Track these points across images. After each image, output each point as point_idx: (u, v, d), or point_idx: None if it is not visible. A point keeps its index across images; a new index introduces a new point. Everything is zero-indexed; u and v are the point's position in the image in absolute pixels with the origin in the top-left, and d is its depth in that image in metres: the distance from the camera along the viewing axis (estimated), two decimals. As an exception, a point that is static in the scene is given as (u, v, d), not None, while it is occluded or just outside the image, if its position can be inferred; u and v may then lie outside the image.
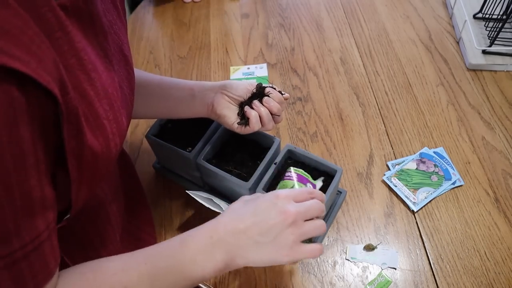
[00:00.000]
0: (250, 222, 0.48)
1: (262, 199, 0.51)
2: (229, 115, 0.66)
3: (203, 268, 0.47)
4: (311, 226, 0.49)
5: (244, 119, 0.66)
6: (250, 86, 0.67)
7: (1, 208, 0.33)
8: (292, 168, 0.63)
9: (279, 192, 0.51)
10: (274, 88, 0.68)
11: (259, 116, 0.65)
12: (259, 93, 0.67)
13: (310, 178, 0.63)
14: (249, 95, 0.67)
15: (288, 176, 0.62)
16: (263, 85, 0.68)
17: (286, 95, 0.69)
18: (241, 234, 0.47)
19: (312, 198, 0.52)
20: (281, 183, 0.62)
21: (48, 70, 0.33)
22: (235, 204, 0.52)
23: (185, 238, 0.49)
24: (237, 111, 0.67)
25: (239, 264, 0.48)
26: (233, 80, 0.69)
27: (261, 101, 0.66)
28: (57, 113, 0.35)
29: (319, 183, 0.68)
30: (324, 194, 0.55)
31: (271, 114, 0.66)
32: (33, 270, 0.37)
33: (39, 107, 0.33)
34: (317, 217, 0.52)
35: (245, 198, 0.53)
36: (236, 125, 0.66)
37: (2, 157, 0.32)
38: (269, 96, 0.66)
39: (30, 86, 0.32)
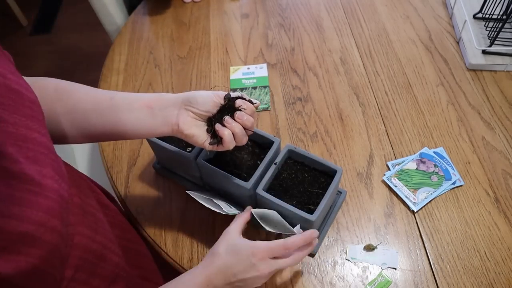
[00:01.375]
0: (234, 279, 0.57)
1: (240, 259, 0.58)
2: (198, 134, 0.59)
3: None
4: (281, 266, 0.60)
5: (216, 137, 0.59)
6: (216, 98, 0.59)
7: None
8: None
9: (256, 250, 0.58)
10: (244, 99, 0.60)
11: (232, 133, 0.59)
12: (229, 107, 0.59)
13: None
14: (217, 108, 0.59)
15: None
16: (231, 95, 0.60)
17: (257, 103, 0.62)
18: (229, 285, 0.58)
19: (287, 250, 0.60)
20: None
21: None
22: (219, 257, 0.58)
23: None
24: (205, 127, 0.60)
25: None
26: (196, 92, 0.60)
27: (232, 116, 0.59)
28: None
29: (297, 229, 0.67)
30: (299, 240, 0.61)
31: (244, 128, 0.60)
32: None
33: None
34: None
35: (226, 247, 0.59)
36: (207, 145, 0.59)
37: None
38: (240, 110, 0.59)
39: None
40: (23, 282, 0.36)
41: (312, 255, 0.72)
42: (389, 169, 0.82)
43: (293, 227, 0.70)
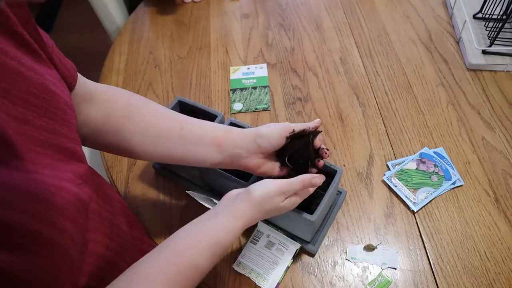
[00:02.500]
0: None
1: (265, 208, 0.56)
2: (269, 169, 0.63)
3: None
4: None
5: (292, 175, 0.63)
6: (284, 132, 0.61)
7: None
8: None
9: (272, 193, 0.56)
10: (314, 133, 0.63)
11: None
12: (302, 141, 0.62)
13: None
14: (284, 141, 0.61)
15: None
16: (295, 130, 0.62)
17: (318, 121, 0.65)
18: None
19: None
20: None
21: None
22: (248, 208, 0.56)
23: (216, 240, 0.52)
24: (276, 161, 0.63)
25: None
26: (264, 131, 0.61)
27: (306, 145, 0.62)
28: None
29: None
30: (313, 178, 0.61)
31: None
32: None
33: None
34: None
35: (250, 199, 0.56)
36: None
37: None
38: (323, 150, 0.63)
39: None
40: (29, 283, 0.35)
41: (312, 255, 0.72)
42: (389, 169, 0.82)
43: (295, 229, 0.70)
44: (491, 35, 0.98)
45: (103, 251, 0.51)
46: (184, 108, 0.80)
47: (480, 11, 1.04)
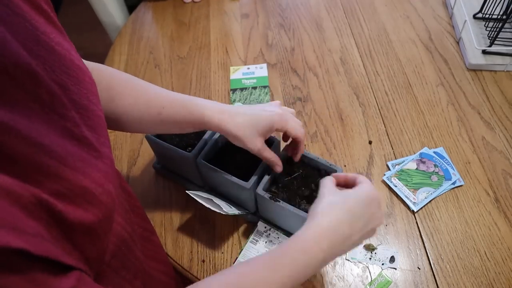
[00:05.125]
0: (354, 231, 0.55)
1: (356, 206, 0.56)
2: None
3: (316, 268, 0.52)
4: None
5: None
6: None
7: None
8: None
9: (371, 194, 0.57)
10: None
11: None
12: None
13: None
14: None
15: None
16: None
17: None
18: (347, 240, 0.54)
19: None
20: None
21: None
22: (327, 209, 0.55)
23: (295, 255, 0.52)
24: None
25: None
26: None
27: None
28: None
29: None
30: None
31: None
32: None
33: None
34: None
35: (333, 200, 0.56)
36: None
37: None
38: None
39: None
40: (85, 236, 0.37)
41: (312, 255, 0.72)
42: (389, 169, 0.82)
43: (295, 228, 0.70)
44: (491, 35, 0.98)
45: (121, 232, 0.51)
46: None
47: (480, 11, 1.04)
